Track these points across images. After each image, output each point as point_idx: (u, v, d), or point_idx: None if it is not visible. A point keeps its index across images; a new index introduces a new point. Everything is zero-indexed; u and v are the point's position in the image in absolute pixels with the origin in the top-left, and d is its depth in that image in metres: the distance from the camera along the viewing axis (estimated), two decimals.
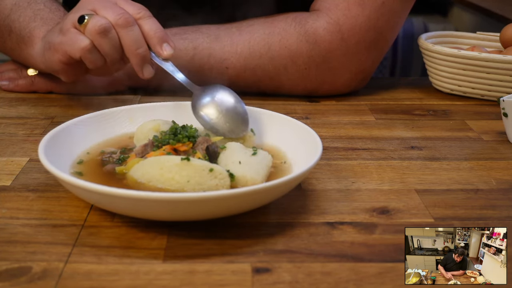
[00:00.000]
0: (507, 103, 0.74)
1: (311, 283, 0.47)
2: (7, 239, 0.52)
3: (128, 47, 0.71)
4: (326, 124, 0.81)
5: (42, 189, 0.60)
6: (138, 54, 0.71)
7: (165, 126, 0.65)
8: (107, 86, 0.88)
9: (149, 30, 0.72)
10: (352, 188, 0.63)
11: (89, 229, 0.54)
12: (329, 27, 0.85)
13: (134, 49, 0.71)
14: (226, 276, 0.48)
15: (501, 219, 0.57)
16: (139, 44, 0.71)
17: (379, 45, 0.89)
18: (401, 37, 1.92)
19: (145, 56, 0.72)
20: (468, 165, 0.69)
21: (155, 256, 0.50)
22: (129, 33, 0.71)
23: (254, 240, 0.53)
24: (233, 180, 0.56)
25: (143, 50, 0.72)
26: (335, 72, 0.88)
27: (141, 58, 0.72)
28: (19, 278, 0.47)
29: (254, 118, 0.69)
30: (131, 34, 0.71)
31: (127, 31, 0.71)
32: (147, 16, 0.73)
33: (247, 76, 0.87)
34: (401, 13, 0.89)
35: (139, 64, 0.72)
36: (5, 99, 0.87)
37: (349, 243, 0.53)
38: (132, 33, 0.71)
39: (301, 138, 0.64)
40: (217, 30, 0.88)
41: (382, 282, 0.47)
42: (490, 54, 0.90)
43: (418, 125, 0.82)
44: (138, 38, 0.71)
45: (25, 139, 0.73)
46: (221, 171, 0.55)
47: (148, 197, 0.49)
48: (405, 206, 0.59)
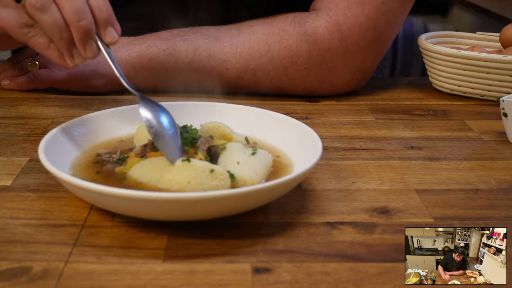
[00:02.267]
0: (507, 103, 0.74)
1: (311, 283, 0.47)
2: (8, 239, 0.52)
3: (69, 18, 0.63)
4: (326, 124, 0.81)
5: (42, 189, 0.60)
6: (80, 26, 0.63)
7: None
8: (106, 86, 0.88)
9: (95, 5, 0.64)
10: (352, 188, 0.63)
11: (89, 229, 0.54)
12: (329, 27, 0.85)
13: (76, 20, 0.63)
14: (226, 276, 0.48)
15: (501, 219, 0.57)
16: (81, 15, 0.63)
17: (379, 45, 0.89)
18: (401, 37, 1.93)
19: (88, 30, 0.63)
20: (468, 165, 0.69)
21: (155, 256, 0.50)
22: (70, 2, 0.62)
23: (254, 240, 0.53)
24: (233, 180, 0.56)
25: (87, 22, 0.63)
26: (335, 71, 0.88)
27: (83, 32, 0.63)
28: (19, 278, 0.47)
29: (254, 118, 0.69)
30: (73, 3, 0.62)
31: (67, 0, 0.62)
32: None
33: (247, 76, 0.87)
34: (401, 13, 0.89)
35: (81, 39, 0.64)
36: (5, 99, 0.87)
37: (349, 243, 0.53)
38: (74, 2, 0.62)
39: (301, 138, 0.64)
40: (216, 31, 0.88)
41: (382, 282, 0.47)
42: (490, 54, 0.90)
43: (418, 125, 0.82)
44: (81, 8, 0.63)
45: (25, 139, 0.73)
46: (222, 171, 0.55)
47: (148, 197, 0.49)
48: (405, 206, 0.59)
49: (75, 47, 0.66)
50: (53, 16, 0.64)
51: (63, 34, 0.65)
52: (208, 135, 0.63)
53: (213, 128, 0.65)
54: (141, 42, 0.87)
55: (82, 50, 0.65)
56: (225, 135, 0.64)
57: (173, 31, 0.88)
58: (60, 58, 0.67)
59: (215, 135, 0.64)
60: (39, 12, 0.64)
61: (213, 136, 0.63)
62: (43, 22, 0.64)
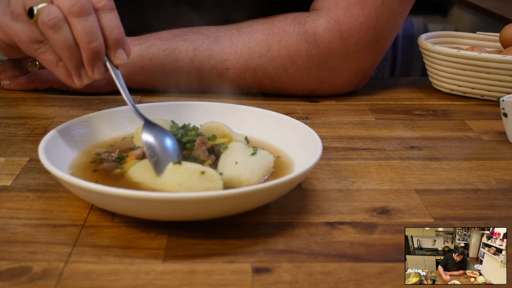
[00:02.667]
0: (507, 103, 0.74)
1: (311, 283, 0.47)
2: (8, 239, 0.52)
3: (80, 39, 0.62)
4: (326, 124, 0.81)
5: (42, 189, 0.60)
6: (90, 48, 0.63)
7: (165, 125, 0.65)
8: (106, 86, 0.88)
9: (107, 26, 0.63)
10: (352, 188, 0.63)
11: (89, 229, 0.54)
12: (329, 27, 0.85)
13: (86, 42, 0.62)
14: (226, 276, 0.48)
15: (501, 219, 0.57)
16: (92, 37, 0.62)
17: (379, 45, 0.89)
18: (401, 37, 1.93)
19: (98, 52, 0.63)
20: (468, 165, 0.69)
21: (155, 256, 0.50)
22: (83, 23, 0.62)
23: (254, 240, 0.53)
24: (228, 180, 0.56)
25: (97, 44, 0.63)
26: (335, 71, 0.88)
27: (92, 54, 0.63)
28: (19, 278, 0.47)
29: (254, 118, 0.69)
30: (85, 24, 0.62)
31: (80, 21, 0.62)
32: (109, 8, 0.64)
33: (247, 76, 0.87)
34: (401, 13, 0.89)
35: (90, 60, 0.64)
36: (5, 99, 0.87)
37: (349, 243, 0.53)
38: (86, 23, 0.62)
39: (301, 138, 0.64)
40: (216, 32, 0.88)
41: (382, 282, 0.47)
42: (490, 54, 0.90)
43: (418, 125, 0.82)
44: (93, 30, 0.62)
45: (25, 139, 0.73)
46: (213, 173, 0.54)
47: (148, 197, 0.49)
48: (405, 206, 0.59)
49: (83, 67, 0.65)
50: (64, 36, 0.63)
51: (73, 54, 0.64)
52: (210, 135, 0.63)
53: (213, 128, 0.65)
54: (141, 42, 0.87)
55: (90, 71, 0.65)
56: (225, 135, 0.64)
57: (173, 31, 0.88)
58: (68, 76, 0.67)
59: (215, 135, 0.64)
60: (51, 30, 0.63)
61: (215, 135, 0.63)
62: (53, 41, 0.64)
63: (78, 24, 0.62)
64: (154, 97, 0.87)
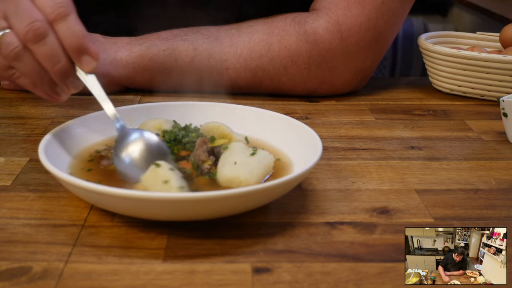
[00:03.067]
0: (507, 103, 0.74)
1: (311, 283, 0.47)
2: (7, 239, 0.52)
3: (44, 65, 0.61)
4: (326, 124, 0.81)
5: (42, 189, 0.60)
6: (56, 71, 0.61)
7: (167, 125, 0.65)
8: (106, 86, 0.88)
9: (64, 37, 0.60)
10: (352, 188, 0.63)
11: (89, 229, 0.54)
12: (329, 27, 0.85)
13: (50, 66, 0.60)
14: (226, 276, 0.48)
15: (501, 219, 0.57)
16: (54, 59, 0.60)
17: (379, 45, 0.89)
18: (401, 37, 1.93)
19: (65, 71, 0.61)
20: (468, 165, 0.69)
21: (155, 256, 0.50)
22: (41, 48, 0.59)
23: (254, 240, 0.53)
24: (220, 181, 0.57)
25: (61, 65, 0.60)
26: (335, 71, 0.88)
27: (60, 75, 0.61)
28: (19, 278, 0.47)
29: (254, 118, 0.69)
30: (43, 49, 0.59)
31: (38, 46, 0.59)
32: (62, 16, 0.59)
33: (247, 76, 0.87)
34: (401, 12, 0.89)
35: (60, 80, 0.62)
36: (5, 99, 0.87)
37: (349, 243, 0.53)
38: (44, 47, 0.59)
39: (301, 138, 0.64)
40: (216, 31, 0.88)
41: (382, 282, 0.47)
42: (490, 54, 0.90)
43: (418, 125, 0.82)
44: (53, 52, 0.60)
45: (25, 139, 0.73)
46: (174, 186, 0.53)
47: (148, 197, 0.49)
48: (405, 206, 0.59)
49: (58, 86, 0.64)
50: (29, 64, 0.61)
51: (43, 78, 0.63)
52: (210, 135, 0.63)
53: (213, 128, 0.65)
54: (141, 42, 0.87)
55: (65, 88, 0.63)
56: (225, 135, 0.64)
57: (173, 31, 0.88)
58: (48, 96, 0.66)
59: (215, 135, 0.64)
60: (15, 61, 0.61)
61: (214, 137, 0.63)
62: (21, 69, 0.62)
63: (37, 50, 0.60)
64: (154, 97, 0.87)
